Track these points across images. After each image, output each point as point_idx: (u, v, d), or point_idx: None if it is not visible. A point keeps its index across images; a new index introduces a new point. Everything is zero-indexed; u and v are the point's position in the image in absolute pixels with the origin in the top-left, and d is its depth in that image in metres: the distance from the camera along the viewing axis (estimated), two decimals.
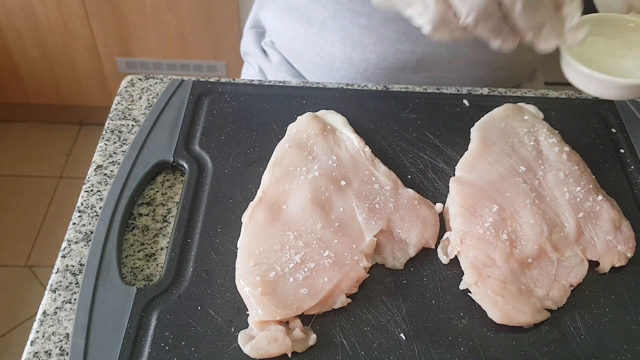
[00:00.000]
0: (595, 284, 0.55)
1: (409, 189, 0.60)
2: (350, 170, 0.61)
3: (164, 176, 0.64)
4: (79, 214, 0.60)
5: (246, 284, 0.51)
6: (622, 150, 0.67)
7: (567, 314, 0.53)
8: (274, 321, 0.49)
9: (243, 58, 0.97)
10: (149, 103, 0.71)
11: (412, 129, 0.68)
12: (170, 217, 0.60)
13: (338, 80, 0.81)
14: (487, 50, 0.78)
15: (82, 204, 0.61)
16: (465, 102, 0.71)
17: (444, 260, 0.56)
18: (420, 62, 0.77)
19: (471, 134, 0.66)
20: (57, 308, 0.53)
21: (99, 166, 0.64)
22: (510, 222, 0.56)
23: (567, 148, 0.64)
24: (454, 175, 0.62)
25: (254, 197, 0.59)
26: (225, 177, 0.62)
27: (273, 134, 0.66)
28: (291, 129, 0.65)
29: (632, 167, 0.65)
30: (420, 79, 0.79)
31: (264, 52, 0.90)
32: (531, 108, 0.69)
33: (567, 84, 0.60)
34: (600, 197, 0.59)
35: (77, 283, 0.55)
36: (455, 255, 0.56)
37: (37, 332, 0.52)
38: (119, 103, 0.71)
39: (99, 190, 0.62)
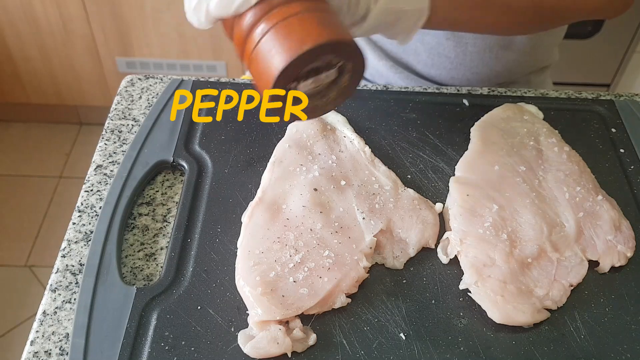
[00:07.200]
0: (595, 283, 0.55)
1: (409, 189, 0.60)
2: (350, 170, 0.61)
3: (164, 176, 0.64)
4: (79, 214, 0.60)
5: (246, 283, 0.51)
6: (622, 150, 0.67)
7: (567, 313, 0.53)
8: (274, 321, 0.49)
9: None
10: (149, 103, 0.71)
11: (412, 128, 0.68)
12: (170, 217, 0.60)
13: None
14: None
15: (82, 204, 0.61)
16: (465, 102, 0.71)
17: (444, 260, 0.56)
18: None
19: (471, 134, 0.66)
20: (57, 308, 0.53)
21: (99, 166, 0.64)
22: (510, 222, 0.56)
23: (567, 148, 0.64)
24: (454, 175, 0.62)
25: (254, 197, 0.59)
26: (225, 177, 0.62)
27: (273, 134, 0.66)
28: (291, 128, 0.65)
29: (632, 167, 0.65)
30: None
31: None
32: (531, 108, 0.69)
33: (567, 84, 0.60)
34: (600, 197, 0.59)
35: (77, 283, 0.55)
36: (455, 255, 0.56)
37: (37, 332, 0.52)
38: (118, 103, 0.71)
39: (98, 190, 0.62)
